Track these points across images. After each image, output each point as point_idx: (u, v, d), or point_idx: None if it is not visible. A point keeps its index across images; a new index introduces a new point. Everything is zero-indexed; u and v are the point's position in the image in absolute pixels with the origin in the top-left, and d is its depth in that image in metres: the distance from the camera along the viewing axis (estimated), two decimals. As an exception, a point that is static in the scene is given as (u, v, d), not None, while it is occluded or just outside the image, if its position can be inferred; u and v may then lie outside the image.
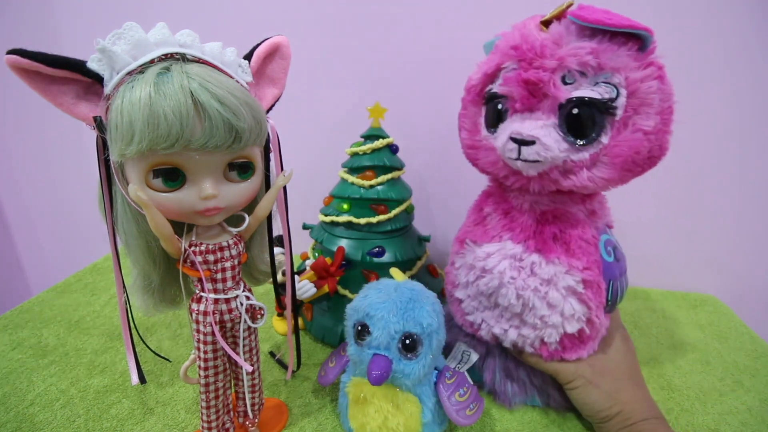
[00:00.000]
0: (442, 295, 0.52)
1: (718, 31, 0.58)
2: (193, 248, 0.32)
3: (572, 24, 0.34)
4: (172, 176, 0.28)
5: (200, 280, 0.33)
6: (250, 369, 0.37)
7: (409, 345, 0.34)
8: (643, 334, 0.59)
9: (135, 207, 0.30)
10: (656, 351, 0.55)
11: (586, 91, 0.33)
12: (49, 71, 0.27)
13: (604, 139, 0.34)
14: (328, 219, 0.55)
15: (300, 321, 0.55)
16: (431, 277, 0.59)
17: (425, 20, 0.64)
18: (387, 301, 0.35)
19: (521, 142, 0.34)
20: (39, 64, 0.26)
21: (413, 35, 0.65)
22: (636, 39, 0.33)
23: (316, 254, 0.56)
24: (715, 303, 0.67)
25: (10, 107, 0.85)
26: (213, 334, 0.34)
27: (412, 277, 0.54)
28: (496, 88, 0.37)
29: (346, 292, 0.52)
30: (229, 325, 0.35)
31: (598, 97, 0.33)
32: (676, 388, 0.48)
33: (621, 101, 0.33)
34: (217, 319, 0.34)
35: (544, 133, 0.34)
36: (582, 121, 0.33)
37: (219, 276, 0.33)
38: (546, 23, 0.35)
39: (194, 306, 0.34)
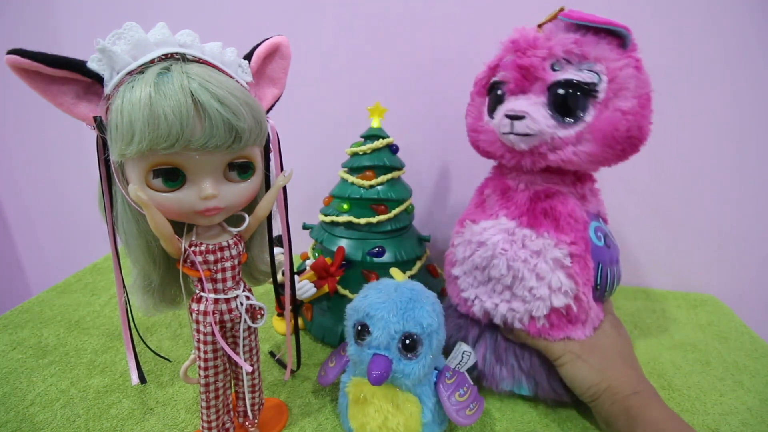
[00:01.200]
0: (442, 295, 0.52)
1: (718, 31, 0.58)
2: (193, 248, 0.32)
3: (562, 23, 0.40)
4: (172, 176, 0.28)
5: (200, 280, 0.33)
6: (250, 369, 0.37)
7: (409, 345, 0.34)
8: (643, 334, 0.59)
9: (135, 207, 0.30)
10: (656, 351, 0.55)
11: (570, 75, 0.38)
12: (49, 71, 0.27)
13: (588, 118, 0.38)
14: (328, 219, 0.55)
15: (300, 321, 0.55)
16: (431, 277, 0.59)
17: (425, 20, 0.64)
18: (387, 301, 0.35)
19: (513, 117, 0.39)
20: (39, 64, 0.26)
21: (413, 35, 0.66)
22: (616, 36, 0.38)
23: (316, 254, 0.56)
24: (715, 303, 0.67)
25: (10, 107, 0.85)
26: (213, 334, 0.34)
27: (412, 277, 0.54)
28: (497, 77, 0.43)
29: (346, 292, 0.52)
30: (229, 325, 0.35)
31: (581, 79, 0.38)
32: (676, 388, 0.48)
33: (603, 86, 0.38)
34: (217, 319, 0.34)
35: (533, 109, 0.39)
36: (567, 100, 0.38)
37: (219, 276, 0.33)
38: (541, 26, 0.41)
39: (194, 306, 0.34)
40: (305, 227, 0.60)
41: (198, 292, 0.34)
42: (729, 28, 0.58)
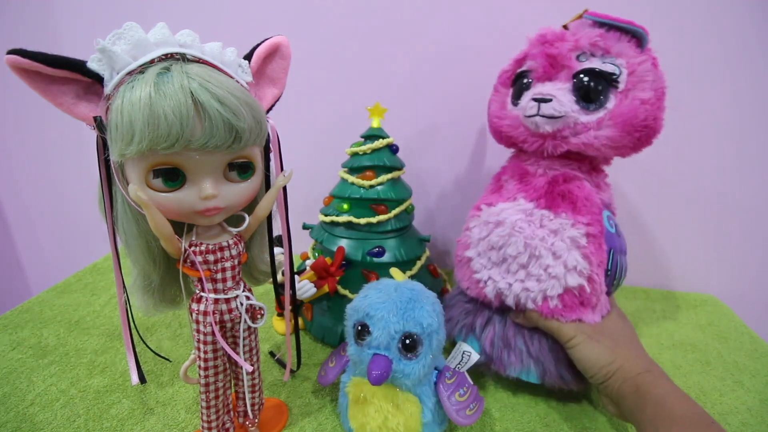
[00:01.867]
0: (442, 295, 0.53)
1: (718, 31, 0.58)
2: (193, 248, 0.32)
3: (586, 23, 0.44)
4: (172, 176, 0.28)
5: (200, 280, 0.33)
6: (250, 369, 0.37)
7: (409, 345, 0.34)
8: (643, 334, 0.59)
9: (135, 207, 0.30)
10: (656, 351, 0.55)
11: (595, 65, 0.42)
12: (49, 71, 0.27)
13: (609, 105, 0.42)
14: (328, 219, 0.55)
15: (300, 321, 0.55)
16: (431, 277, 0.59)
17: (426, 20, 0.64)
18: (387, 301, 0.35)
19: (541, 100, 0.42)
20: (39, 64, 0.26)
21: (414, 35, 0.65)
22: (635, 37, 0.42)
23: (316, 254, 0.56)
24: (715, 303, 0.67)
25: (10, 107, 0.85)
26: (213, 334, 0.34)
27: (412, 277, 0.54)
28: (524, 67, 0.47)
29: (346, 292, 0.52)
30: (229, 325, 0.35)
31: (604, 69, 0.41)
32: (676, 388, 0.48)
33: (623, 77, 0.42)
34: (217, 319, 0.34)
35: (560, 93, 0.42)
36: (591, 87, 0.42)
37: (219, 276, 0.33)
38: (566, 26, 0.45)
39: (194, 306, 0.34)
40: (305, 227, 0.60)
41: (198, 292, 0.34)
42: (729, 28, 0.58)
